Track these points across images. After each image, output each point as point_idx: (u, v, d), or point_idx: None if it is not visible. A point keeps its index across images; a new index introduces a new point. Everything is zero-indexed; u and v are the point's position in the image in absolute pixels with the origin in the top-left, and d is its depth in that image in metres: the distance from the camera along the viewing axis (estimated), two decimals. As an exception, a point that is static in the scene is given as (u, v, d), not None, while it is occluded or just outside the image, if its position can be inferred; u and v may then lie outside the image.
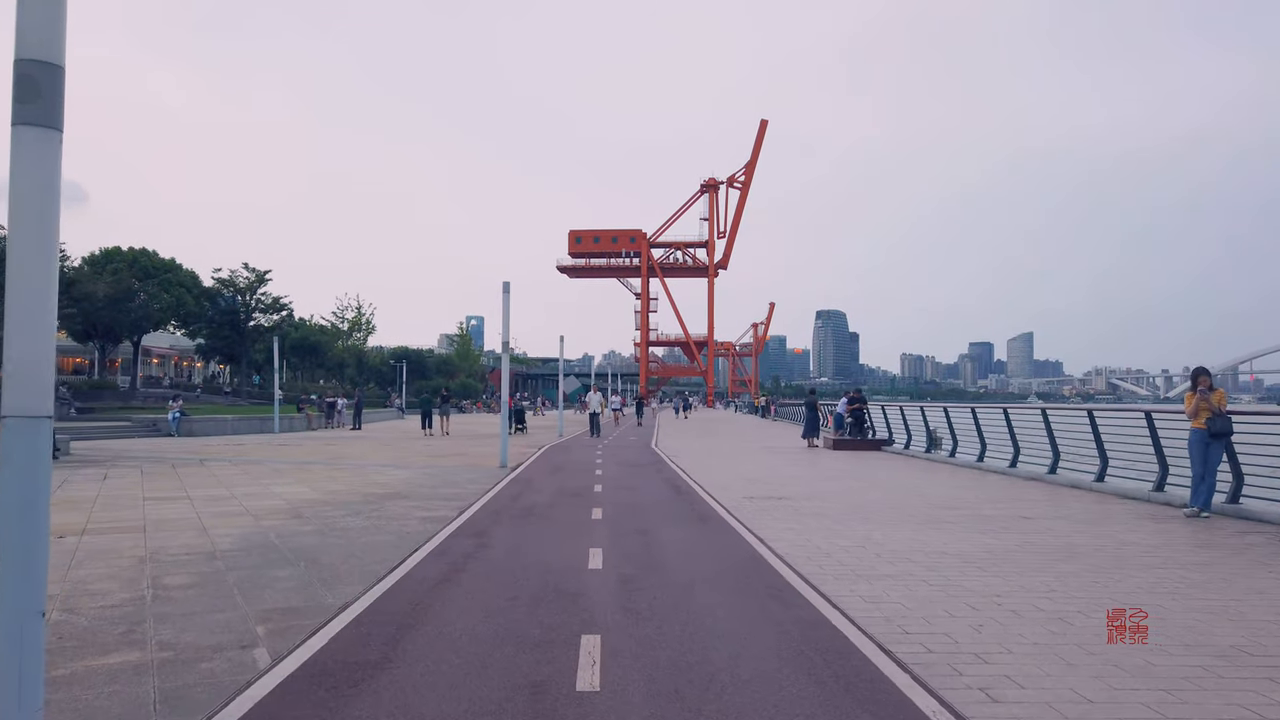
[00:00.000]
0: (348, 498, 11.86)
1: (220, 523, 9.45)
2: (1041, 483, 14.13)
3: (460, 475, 15.22)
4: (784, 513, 10.49)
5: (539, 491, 12.90)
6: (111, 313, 44.16)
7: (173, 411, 29.94)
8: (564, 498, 12.10)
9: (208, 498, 11.72)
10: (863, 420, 24.08)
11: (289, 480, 14.25)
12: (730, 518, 9.99)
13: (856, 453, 22.42)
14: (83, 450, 20.95)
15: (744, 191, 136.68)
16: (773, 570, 7.09)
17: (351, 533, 8.89)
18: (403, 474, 15.42)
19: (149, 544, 8.11)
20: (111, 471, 15.58)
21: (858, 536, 8.74)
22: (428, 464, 17.79)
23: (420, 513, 10.39)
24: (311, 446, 23.99)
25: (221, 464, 17.42)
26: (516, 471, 15.98)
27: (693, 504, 11.45)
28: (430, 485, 13.55)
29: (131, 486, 13.12)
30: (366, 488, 13.12)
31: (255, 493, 12.32)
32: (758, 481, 14.47)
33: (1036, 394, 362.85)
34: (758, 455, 21.69)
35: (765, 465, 18.35)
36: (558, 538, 8.62)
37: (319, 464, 17.74)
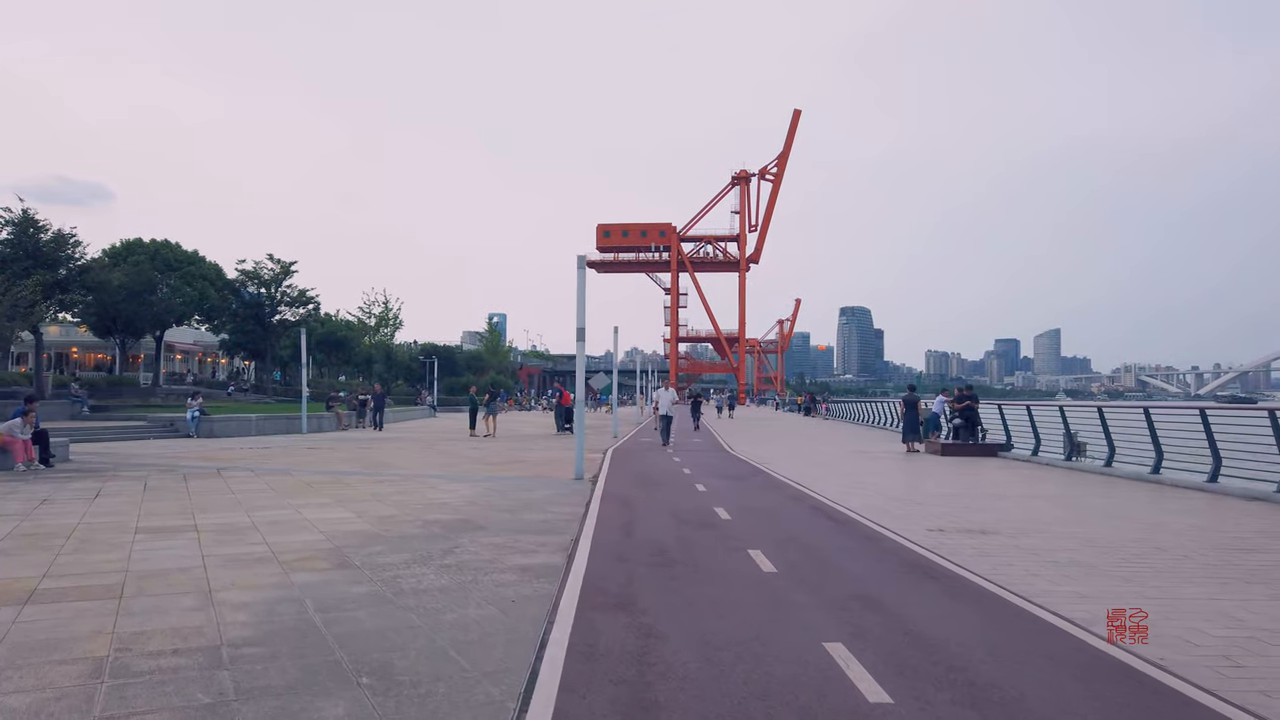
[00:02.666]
0: (405, 528, 8.91)
1: (233, 578, 6.51)
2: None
3: (535, 491, 12.24)
4: (1025, 560, 7.41)
5: (649, 519, 9.88)
6: (132, 306, 41.74)
7: (191, 410, 27.28)
8: (690, 529, 9.07)
9: (220, 528, 8.80)
10: (975, 421, 20.87)
11: (324, 498, 11.34)
12: (963, 570, 6.92)
13: (970, 459, 19.25)
14: (86, 455, 18.22)
15: (776, 183, 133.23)
16: (1196, 705, 4.03)
17: (428, 597, 5.91)
18: (463, 489, 12.46)
19: (120, 627, 5.16)
20: (109, 485, 12.76)
21: (1204, 610, 5.64)
22: (486, 474, 14.84)
23: (514, 557, 7.40)
24: (345, 450, 21.14)
25: (242, 474, 14.58)
26: (599, 486, 12.99)
27: (877, 542, 8.38)
28: (506, 507, 10.57)
29: (126, 508, 10.25)
30: (426, 511, 10.16)
31: (282, 520, 9.40)
32: (914, 504, 11.38)
33: (1064, 391, 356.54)
34: (865, 464, 18.54)
35: (894, 479, 15.23)
36: (752, 614, 5.57)
37: (357, 474, 14.84)
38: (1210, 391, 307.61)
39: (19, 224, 30.42)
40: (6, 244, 30.97)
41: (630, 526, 9.27)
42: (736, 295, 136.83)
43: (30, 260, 30.04)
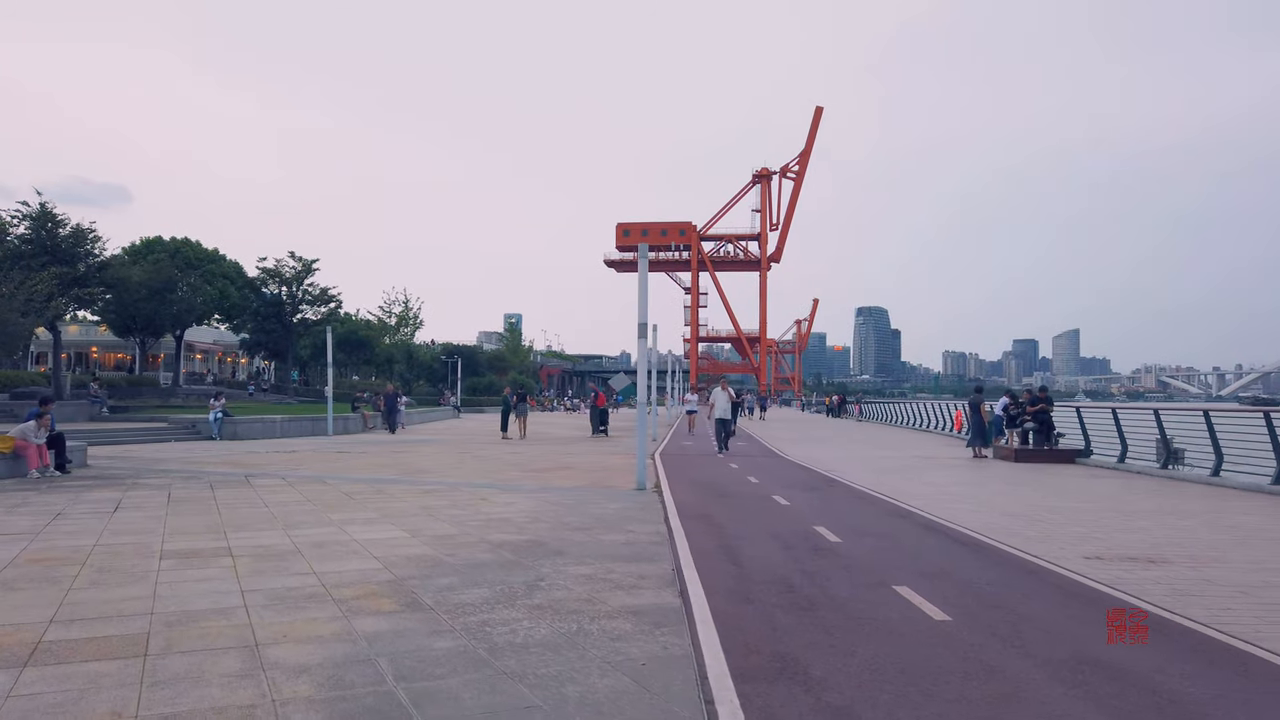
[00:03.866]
0: (472, 551, 7.64)
1: (283, 625, 5.25)
2: None
3: (600, 505, 10.95)
4: (1240, 603, 6.04)
5: (748, 541, 8.57)
6: (152, 304, 40.83)
7: (214, 411, 26.21)
8: (804, 556, 7.75)
9: (258, 552, 7.57)
10: (1050, 425, 19.42)
11: (369, 512, 10.09)
12: (1185, 620, 5.55)
13: (1048, 466, 17.82)
14: (106, 459, 17.12)
15: (798, 181, 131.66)
16: None
17: (533, 658, 4.62)
18: (521, 502, 11.19)
19: (146, 708, 3.91)
20: (130, 495, 11.59)
21: None
22: (537, 483, 13.57)
23: (615, 595, 6.10)
24: (377, 454, 19.95)
25: (273, 482, 13.39)
26: (668, 498, 11.70)
27: (1038, 575, 7.02)
28: (577, 524, 9.28)
29: (150, 525, 9.05)
30: (487, 529, 8.89)
31: (328, 541, 8.16)
32: (1037, 521, 10.00)
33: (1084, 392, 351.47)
34: (942, 471, 17.12)
35: (989, 489, 13.83)
36: (968, 689, 4.22)
37: (398, 482, 13.61)
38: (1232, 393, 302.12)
39: (37, 219, 29.47)
40: (24, 239, 30.07)
41: (731, 552, 7.96)
42: (757, 295, 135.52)
43: (48, 256, 29.09)
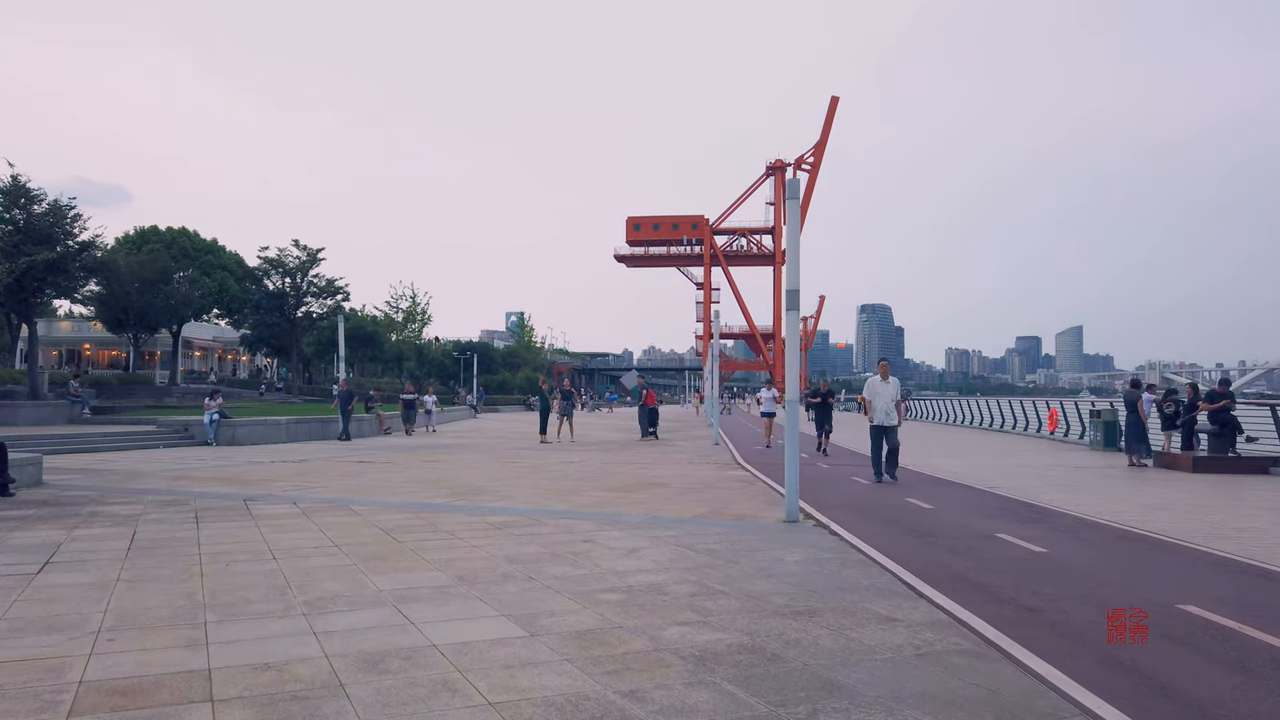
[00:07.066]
0: (658, 676, 4.06)
1: None
2: None
3: (772, 553, 7.39)
4: None
5: (1067, 626, 5.00)
6: (145, 296, 37.34)
7: (210, 413, 22.71)
8: (1176, 649, 4.18)
9: (259, 686, 4.01)
10: (1236, 428, 15.87)
11: (435, 570, 6.51)
12: None
13: (1238, 478, 14.28)
14: (70, 474, 13.59)
15: (813, 173, 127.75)
16: None
17: None
18: (645, 548, 7.60)
19: None
20: (76, 537, 8.05)
21: None
22: (636, 509, 10.03)
23: None
24: (407, 465, 16.40)
25: (281, 509, 9.88)
26: (852, 540, 8.16)
27: None
28: (784, 603, 5.69)
29: (84, 605, 5.51)
30: (642, 613, 5.32)
31: (385, 649, 4.60)
32: None
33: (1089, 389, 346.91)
34: (1125, 485, 13.49)
35: (1222, 513, 10.23)
36: None
37: (451, 509, 10.05)
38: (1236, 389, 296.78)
39: (8, 192, 25.88)
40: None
41: (1065, 646, 4.40)
42: (770, 290, 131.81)
43: (21, 235, 25.53)
